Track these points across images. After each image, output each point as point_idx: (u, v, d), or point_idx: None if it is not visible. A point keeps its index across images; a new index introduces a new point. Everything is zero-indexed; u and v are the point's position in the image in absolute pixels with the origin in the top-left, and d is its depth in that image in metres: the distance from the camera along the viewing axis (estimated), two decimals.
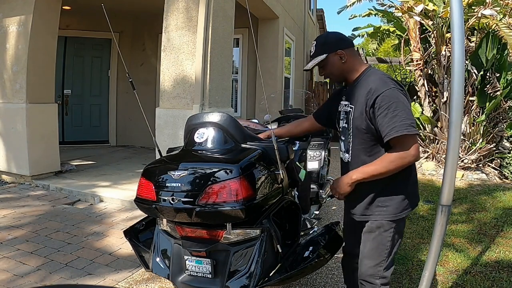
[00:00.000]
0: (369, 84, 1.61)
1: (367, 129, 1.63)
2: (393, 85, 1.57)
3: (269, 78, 7.13)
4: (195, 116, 2.10)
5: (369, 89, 1.59)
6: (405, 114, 1.52)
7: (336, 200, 4.33)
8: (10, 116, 4.83)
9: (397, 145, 1.56)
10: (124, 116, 7.73)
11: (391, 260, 1.75)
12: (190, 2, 4.06)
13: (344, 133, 1.79)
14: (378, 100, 1.55)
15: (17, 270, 2.64)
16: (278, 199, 2.00)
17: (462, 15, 1.55)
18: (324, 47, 1.74)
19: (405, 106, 1.54)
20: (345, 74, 1.76)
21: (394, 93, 1.55)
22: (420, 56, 6.56)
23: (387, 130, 1.54)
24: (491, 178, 5.76)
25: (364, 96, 1.61)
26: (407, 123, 1.51)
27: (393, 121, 1.52)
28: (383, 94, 1.54)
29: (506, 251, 3.09)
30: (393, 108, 1.52)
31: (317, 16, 14.12)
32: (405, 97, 1.58)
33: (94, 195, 4.29)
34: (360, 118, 1.64)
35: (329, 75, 1.80)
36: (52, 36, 4.96)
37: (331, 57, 1.72)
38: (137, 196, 1.88)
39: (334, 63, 1.73)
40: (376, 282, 1.72)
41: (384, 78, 1.62)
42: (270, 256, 1.83)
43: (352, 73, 1.74)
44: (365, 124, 1.63)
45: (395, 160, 1.57)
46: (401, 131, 1.51)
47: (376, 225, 1.71)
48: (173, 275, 1.86)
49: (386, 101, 1.53)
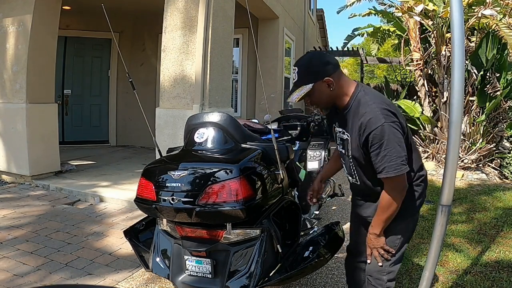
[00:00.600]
0: (361, 116, 1.55)
1: (365, 161, 1.62)
2: (384, 118, 1.50)
3: (269, 78, 7.13)
4: (195, 116, 2.10)
5: (360, 124, 1.55)
6: (396, 153, 1.50)
7: (336, 200, 4.34)
8: (10, 116, 4.83)
9: (388, 182, 1.57)
10: (124, 116, 7.73)
11: (400, 256, 1.75)
12: (190, 2, 4.06)
13: (343, 157, 1.77)
14: (370, 137, 1.52)
15: (17, 270, 2.64)
16: (278, 199, 2.00)
17: (462, 15, 1.55)
18: (310, 75, 1.57)
19: (396, 142, 1.51)
20: (335, 101, 1.65)
21: (385, 129, 1.50)
22: (420, 56, 6.56)
23: (379, 169, 1.54)
24: (491, 178, 5.76)
25: (357, 130, 1.57)
26: (397, 163, 1.50)
27: (384, 161, 1.51)
28: (374, 132, 1.51)
29: (506, 251, 3.09)
30: (384, 146, 1.50)
31: (317, 16, 14.13)
32: (397, 128, 1.53)
33: (94, 195, 4.29)
34: (358, 151, 1.62)
35: (316, 104, 1.67)
36: (52, 36, 4.96)
37: (317, 85, 1.57)
38: (137, 196, 1.88)
39: (322, 91, 1.59)
40: (383, 278, 1.73)
41: (375, 108, 1.53)
42: (270, 256, 1.84)
43: (342, 99, 1.63)
44: (363, 157, 1.62)
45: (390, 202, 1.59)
46: (390, 172, 1.51)
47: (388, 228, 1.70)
48: (173, 275, 1.87)
49: (377, 140, 1.51)
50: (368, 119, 1.52)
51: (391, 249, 1.70)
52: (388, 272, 1.73)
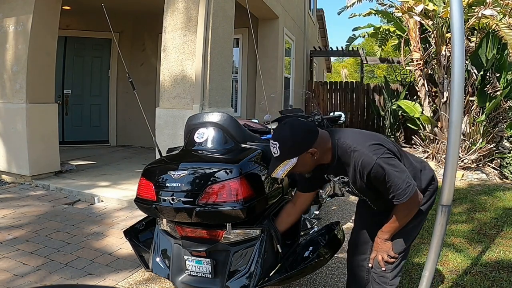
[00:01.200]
0: (352, 161, 1.57)
1: (373, 190, 1.65)
2: (374, 154, 1.52)
3: (269, 78, 7.12)
4: (195, 116, 2.10)
5: (355, 168, 1.57)
6: (399, 179, 1.52)
7: (336, 200, 4.34)
8: (10, 116, 4.83)
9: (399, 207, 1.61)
10: (124, 116, 7.73)
11: (405, 254, 1.78)
12: (190, 2, 4.06)
13: (352, 193, 1.79)
14: (371, 176, 1.55)
15: (17, 270, 2.64)
16: (278, 199, 2.00)
17: (462, 15, 1.55)
18: (293, 150, 1.54)
19: (394, 170, 1.53)
20: (317, 163, 1.63)
21: (380, 164, 1.52)
22: (420, 56, 6.56)
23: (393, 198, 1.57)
24: (491, 178, 5.76)
25: (352, 172, 1.60)
26: (404, 187, 1.53)
27: (392, 190, 1.55)
28: (372, 172, 1.54)
29: (506, 251, 3.08)
30: (387, 178, 1.54)
31: (317, 16, 14.12)
32: (389, 157, 1.54)
33: (94, 195, 4.29)
34: (364, 187, 1.65)
35: (301, 172, 1.67)
36: (52, 36, 4.96)
37: (302, 157, 1.55)
38: (137, 196, 1.88)
39: (306, 162, 1.58)
40: (387, 275, 1.74)
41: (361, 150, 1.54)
42: (270, 256, 1.83)
43: (326, 157, 1.62)
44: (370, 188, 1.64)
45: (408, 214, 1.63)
46: (404, 198, 1.55)
47: None
48: (173, 275, 1.87)
49: (379, 175, 1.54)
50: (361, 161, 1.54)
51: (396, 255, 1.71)
52: (393, 270, 1.74)
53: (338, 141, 1.60)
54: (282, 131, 1.59)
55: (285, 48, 8.05)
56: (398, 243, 1.73)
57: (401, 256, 1.75)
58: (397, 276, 1.76)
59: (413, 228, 1.75)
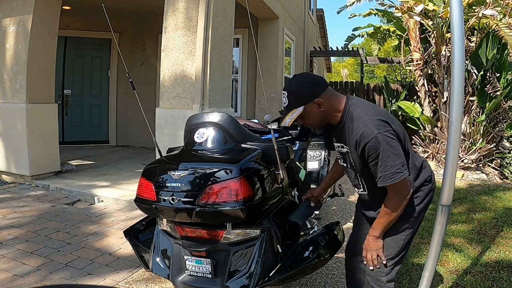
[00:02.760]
0: (355, 130, 1.57)
1: (368, 171, 1.64)
2: (376, 129, 1.52)
3: (269, 78, 7.12)
4: (195, 116, 2.10)
5: (355, 137, 1.57)
6: (391, 162, 1.51)
7: (336, 200, 4.34)
8: (10, 116, 4.83)
9: (389, 189, 1.59)
10: (124, 116, 7.73)
11: (401, 258, 1.75)
12: (190, 2, 4.06)
13: (346, 171, 1.79)
14: (366, 149, 1.54)
15: (17, 270, 2.64)
16: (278, 199, 2.00)
17: (462, 15, 1.56)
18: (299, 98, 1.61)
19: (391, 151, 1.52)
20: (327, 120, 1.67)
21: (379, 139, 1.51)
22: (420, 56, 6.56)
23: (378, 178, 1.57)
24: (491, 178, 5.76)
25: (353, 143, 1.59)
26: (392, 172, 1.52)
27: (381, 170, 1.54)
28: (369, 145, 1.52)
29: (506, 251, 3.09)
30: (380, 156, 1.52)
31: (317, 16, 14.12)
32: (390, 137, 1.53)
33: (94, 195, 4.29)
34: (358, 162, 1.64)
35: (310, 125, 1.70)
36: (52, 36, 4.96)
37: (308, 107, 1.60)
38: (137, 196, 1.88)
39: (313, 113, 1.62)
40: (382, 279, 1.72)
41: (367, 121, 1.55)
42: (270, 256, 1.83)
43: (334, 116, 1.65)
44: (365, 167, 1.63)
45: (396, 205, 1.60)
46: (386, 181, 1.54)
47: (393, 226, 1.70)
48: (173, 275, 1.86)
49: (373, 151, 1.52)
50: (361, 132, 1.54)
51: (384, 258, 1.70)
52: (388, 273, 1.72)
53: (350, 107, 1.62)
54: (291, 82, 1.69)
55: (285, 48, 8.06)
56: (391, 246, 1.71)
57: (396, 259, 1.72)
58: (392, 280, 1.74)
59: (406, 230, 1.71)
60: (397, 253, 1.71)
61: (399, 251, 1.72)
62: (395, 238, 1.70)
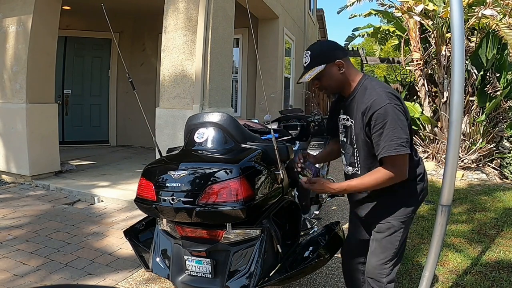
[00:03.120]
0: (366, 99, 1.58)
1: (368, 146, 1.63)
2: (388, 100, 1.53)
3: (269, 78, 7.13)
4: (195, 116, 2.10)
5: (365, 107, 1.56)
6: (398, 133, 1.50)
7: (336, 200, 4.34)
8: (10, 116, 4.83)
9: (388, 163, 1.56)
10: (124, 116, 7.73)
11: (399, 257, 1.75)
12: (190, 2, 4.06)
13: (345, 147, 1.77)
14: (373, 117, 1.53)
15: (17, 270, 2.64)
16: (278, 199, 2.00)
17: (462, 15, 1.56)
18: (321, 57, 1.64)
19: (399, 123, 1.51)
20: (343, 86, 1.69)
21: (389, 109, 1.51)
22: (420, 56, 6.56)
23: (380, 149, 1.54)
24: (491, 178, 5.76)
25: (361, 112, 1.59)
26: (398, 143, 1.50)
27: (385, 140, 1.51)
28: (378, 112, 1.52)
29: (506, 251, 3.09)
30: (386, 126, 1.51)
31: (317, 16, 14.12)
32: (400, 111, 1.54)
33: (94, 195, 4.29)
34: (361, 135, 1.63)
35: (325, 88, 1.71)
36: (52, 36, 4.96)
37: (328, 68, 1.63)
38: (137, 196, 1.88)
39: (332, 74, 1.64)
40: (382, 280, 1.72)
41: (380, 91, 1.57)
42: (270, 256, 1.84)
43: (349, 85, 1.68)
44: (366, 141, 1.62)
45: (383, 178, 1.57)
46: (390, 151, 1.51)
47: (387, 226, 1.70)
48: (173, 275, 1.86)
49: (381, 119, 1.51)
50: (373, 100, 1.55)
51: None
52: (388, 274, 1.72)
53: (366, 80, 1.66)
54: (314, 44, 1.75)
55: (285, 48, 8.06)
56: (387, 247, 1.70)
57: (394, 260, 1.72)
58: (392, 281, 1.74)
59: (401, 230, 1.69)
60: (395, 254, 1.71)
61: (396, 252, 1.71)
62: (391, 239, 1.70)
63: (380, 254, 1.73)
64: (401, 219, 1.68)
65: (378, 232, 1.74)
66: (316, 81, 1.68)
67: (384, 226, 1.71)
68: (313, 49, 1.68)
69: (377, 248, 1.74)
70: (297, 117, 3.40)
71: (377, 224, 1.74)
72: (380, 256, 1.73)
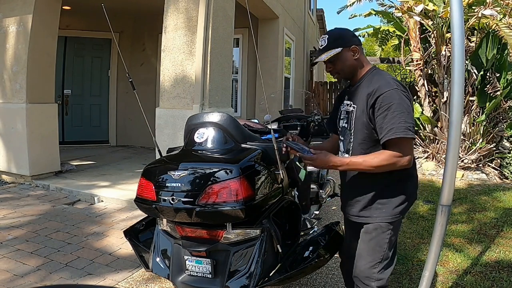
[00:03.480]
0: (372, 83, 1.60)
1: (368, 129, 1.61)
2: (396, 86, 1.54)
3: (269, 78, 7.13)
4: (195, 116, 2.10)
5: (372, 89, 1.57)
6: (404, 117, 1.49)
7: (336, 200, 4.34)
8: (10, 116, 4.83)
9: (394, 146, 1.53)
10: (124, 116, 7.73)
11: (390, 261, 1.70)
12: (190, 2, 4.06)
13: (344, 133, 1.76)
14: (379, 100, 1.53)
15: (17, 270, 2.64)
16: (278, 199, 2.00)
17: (462, 15, 1.55)
18: (339, 41, 1.67)
19: (406, 108, 1.51)
20: (354, 72, 1.71)
21: (396, 94, 1.52)
22: (420, 56, 6.56)
23: (385, 132, 1.52)
24: (491, 178, 5.76)
25: (366, 94, 1.59)
26: (405, 126, 1.49)
27: (392, 123, 1.50)
28: (384, 95, 1.52)
29: (506, 251, 3.09)
30: (393, 109, 1.50)
31: (317, 16, 14.14)
32: (407, 99, 1.54)
33: (94, 195, 4.29)
34: (361, 118, 1.61)
35: (339, 72, 1.72)
36: (52, 36, 4.96)
37: (344, 51, 1.66)
38: (137, 196, 1.88)
39: (347, 58, 1.68)
40: (371, 284, 1.67)
41: (388, 78, 1.59)
42: (270, 256, 1.83)
43: (359, 71, 1.71)
44: (366, 124, 1.60)
45: (389, 160, 1.53)
46: (398, 133, 1.48)
47: (374, 227, 1.67)
48: (173, 275, 1.86)
49: (387, 102, 1.51)
50: (380, 83, 1.57)
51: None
52: (378, 279, 1.67)
53: (375, 70, 1.70)
54: (332, 29, 1.78)
55: (285, 48, 8.06)
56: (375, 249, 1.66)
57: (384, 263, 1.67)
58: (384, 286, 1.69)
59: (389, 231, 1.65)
60: (383, 256, 1.66)
61: (384, 254, 1.66)
62: (378, 241, 1.66)
63: (368, 257, 1.69)
64: (388, 219, 1.65)
65: (365, 233, 1.71)
66: (330, 64, 1.71)
67: (371, 226, 1.68)
68: (331, 33, 1.72)
69: (364, 250, 1.71)
70: (297, 117, 3.40)
71: (364, 224, 1.71)
72: (367, 259, 1.69)
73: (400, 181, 1.66)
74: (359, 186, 1.70)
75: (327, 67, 1.74)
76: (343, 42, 1.67)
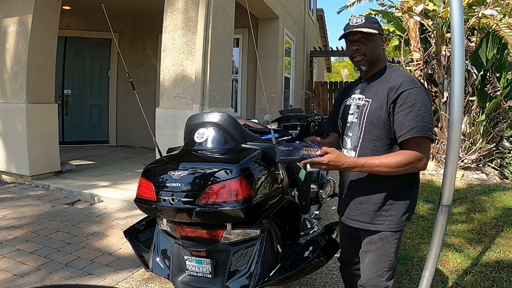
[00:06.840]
0: (394, 79, 1.54)
1: (384, 126, 1.53)
2: (420, 84, 1.51)
3: (269, 78, 7.12)
4: (195, 116, 2.10)
5: (395, 84, 1.51)
6: (428, 117, 1.45)
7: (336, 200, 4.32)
8: (10, 116, 4.83)
9: (415, 146, 1.45)
10: (124, 116, 7.73)
11: (394, 270, 1.67)
12: (190, 2, 4.06)
13: (353, 128, 1.65)
14: (403, 95, 1.47)
15: (17, 270, 2.64)
16: (278, 199, 2.00)
17: (462, 15, 1.56)
18: (376, 25, 1.62)
19: (429, 109, 1.48)
20: (378, 60, 1.64)
21: (421, 93, 1.48)
22: (420, 56, 6.56)
23: (407, 129, 1.44)
24: (491, 178, 5.76)
25: (386, 90, 1.52)
26: (428, 127, 1.44)
27: (416, 120, 1.43)
28: (409, 91, 1.46)
29: (506, 251, 3.09)
30: (417, 107, 1.44)
31: (317, 16, 14.13)
32: (429, 100, 1.51)
33: (94, 195, 4.29)
34: (378, 113, 1.53)
35: (365, 53, 1.61)
36: (52, 36, 4.96)
37: (378, 37, 1.62)
38: (137, 196, 1.88)
39: (378, 44, 1.63)
40: None
41: (410, 76, 1.56)
42: (270, 256, 1.83)
43: (378, 64, 1.65)
44: (384, 120, 1.52)
45: (409, 160, 1.45)
46: (423, 132, 1.43)
47: (379, 237, 1.60)
48: (173, 275, 1.86)
49: (412, 99, 1.45)
50: (405, 79, 1.52)
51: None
52: (386, 287, 1.64)
53: (392, 67, 1.67)
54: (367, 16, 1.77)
55: (285, 48, 8.05)
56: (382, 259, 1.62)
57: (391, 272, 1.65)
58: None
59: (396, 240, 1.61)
60: (390, 265, 1.63)
61: (391, 263, 1.63)
62: (385, 251, 1.61)
63: (374, 267, 1.64)
64: (394, 228, 1.58)
65: (369, 243, 1.64)
66: (359, 43, 1.60)
67: (376, 237, 1.60)
68: (368, 17, 1.67)
69: (371, 261, 1.64)
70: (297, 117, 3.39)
71: (367, 236, 1.64)
72: (373, 269, 1.64)
73: (408, 185, 1.59)
74: (363, 187, 1.62)
75: (353, 45, 1.62)
76: (380, 28, 1.63)
